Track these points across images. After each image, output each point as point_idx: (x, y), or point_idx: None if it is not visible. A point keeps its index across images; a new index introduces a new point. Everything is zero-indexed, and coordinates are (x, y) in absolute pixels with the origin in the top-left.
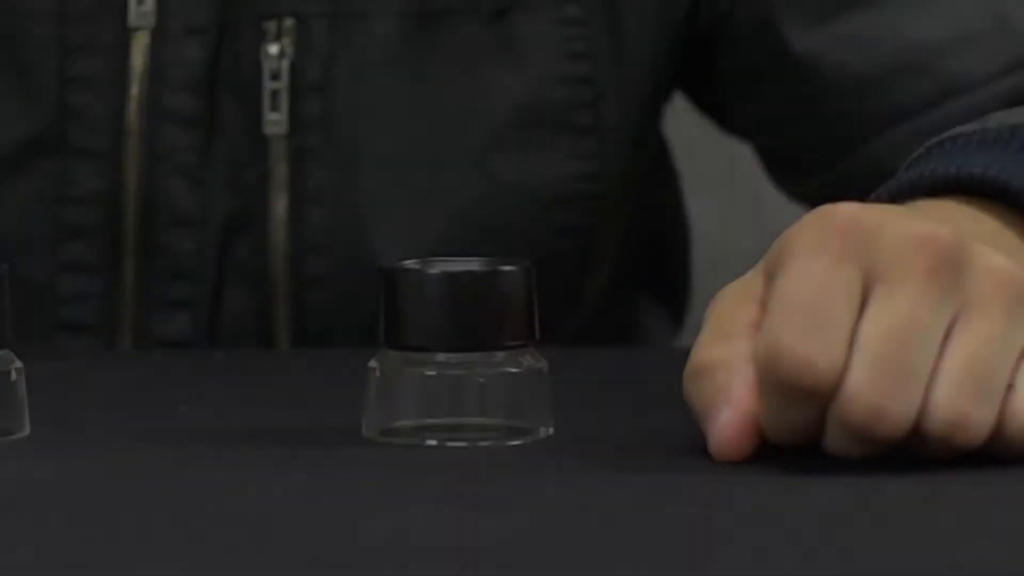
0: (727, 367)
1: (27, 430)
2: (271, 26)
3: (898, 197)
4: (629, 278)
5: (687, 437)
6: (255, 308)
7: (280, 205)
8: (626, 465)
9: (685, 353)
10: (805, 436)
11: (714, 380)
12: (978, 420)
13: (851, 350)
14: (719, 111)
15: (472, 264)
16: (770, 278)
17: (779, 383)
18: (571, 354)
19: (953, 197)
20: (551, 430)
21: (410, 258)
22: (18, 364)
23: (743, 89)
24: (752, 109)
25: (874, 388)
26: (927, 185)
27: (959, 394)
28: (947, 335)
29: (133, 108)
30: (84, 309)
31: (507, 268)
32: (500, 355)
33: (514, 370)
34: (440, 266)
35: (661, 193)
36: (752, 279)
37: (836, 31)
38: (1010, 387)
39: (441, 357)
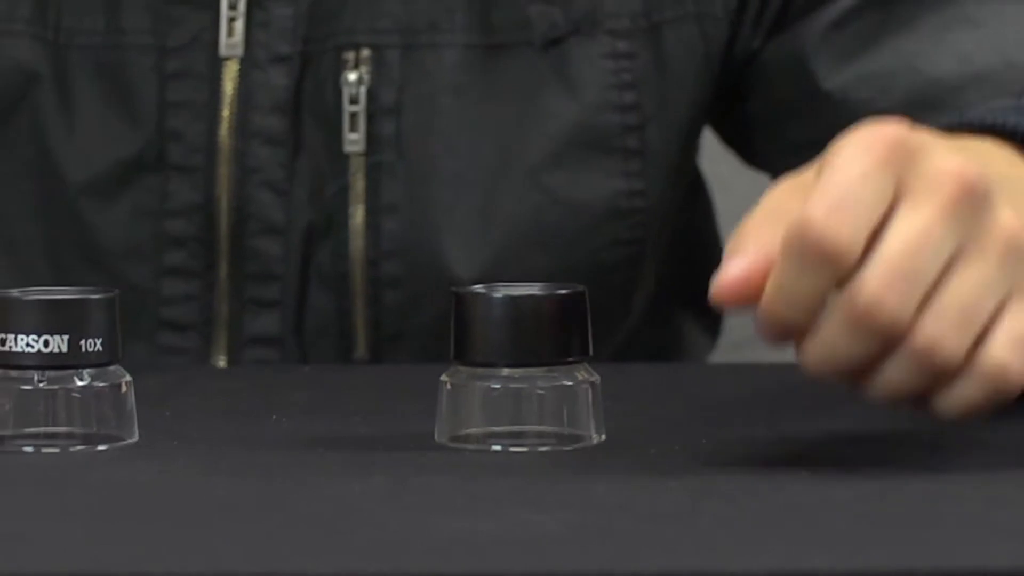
0: (761, 235)
1: (136, 436)
2: (350, 56)
3: (946, 131)
4: (670, 297)
5: (723, 443)
6: (336, 307)
7: (358, 215)
8: (668, 468)
9: (722, 369)
10: (803, 314)
11: (744, 240)
12: (954, 346)
13: (869, 248)
14: (745, 144)
15: (532, 288)
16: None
17: (802, 246)
18: (620, 369)
19: (994, 140)
20: (603, 437)
21: (474, 266)
22: (128, 378)
23: (771, 123)
24: (779, 142)
25: (880, 283)
26: (971, 127)
27: (942, 320)
28: (947, 266)
29: (225, 129)
30: (184, 309)
31: (563, 292)
32: (557, 370)
33: (569, 383)
34: (504, 290)
35: (697, 218)
36: (806, 175)
37: (862, 70)
38: (992, 328)
39: (505, 372)
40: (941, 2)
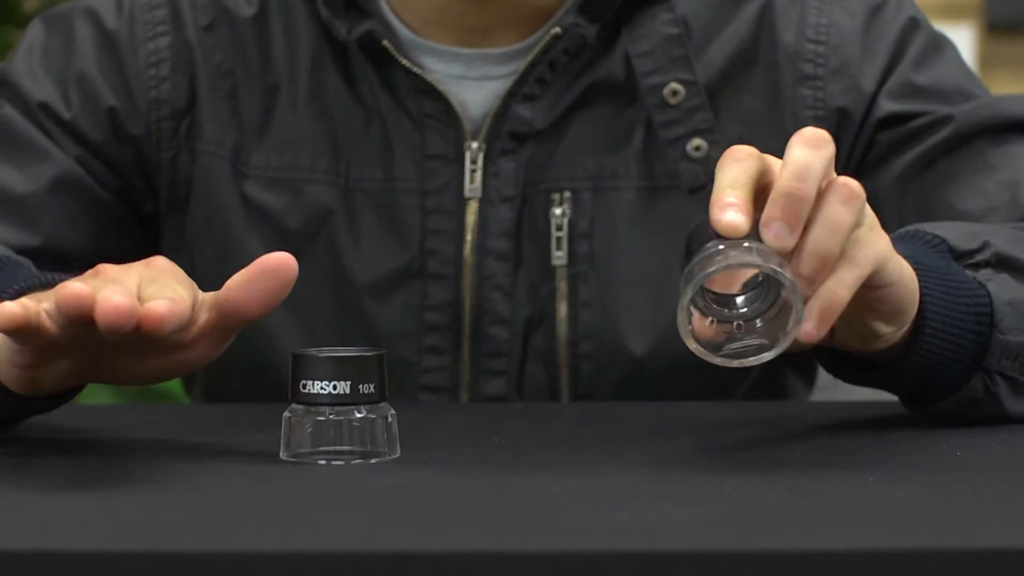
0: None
1: (398, 453)
2: (556, 196)
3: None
4: (778, 361)
5: (813, 455)
6: (547, 374)
7: (563, 310)
8: (775, 474)
9: (813, 405)
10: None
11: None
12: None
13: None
14: None
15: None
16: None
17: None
18: (743, 406)
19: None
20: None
21: (644, 345)
22: (392, 412)
23: None
24: None
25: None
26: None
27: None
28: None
29: (468, 249)
30: (438, 376)
31: None
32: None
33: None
34: None
35: None
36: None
37: (915, 208)
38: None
39: None
40: (970, 154)
